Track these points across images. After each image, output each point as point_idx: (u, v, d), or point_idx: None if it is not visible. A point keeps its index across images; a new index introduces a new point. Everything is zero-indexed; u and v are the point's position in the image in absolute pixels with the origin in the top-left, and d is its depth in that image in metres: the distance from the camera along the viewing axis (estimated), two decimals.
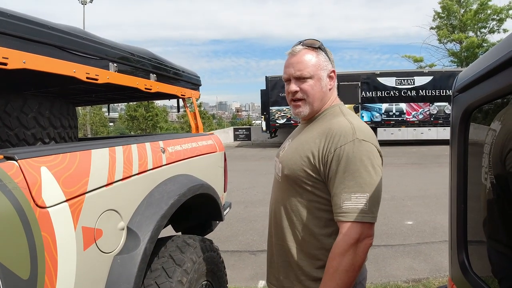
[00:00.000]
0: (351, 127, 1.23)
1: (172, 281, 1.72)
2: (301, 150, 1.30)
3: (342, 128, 1.24)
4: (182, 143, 2.39)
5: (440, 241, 4.59)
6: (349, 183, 1.17)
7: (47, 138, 1.86)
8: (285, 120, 18.30)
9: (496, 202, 1.05)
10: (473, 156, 1.16)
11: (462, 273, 1.17)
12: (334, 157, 1.20)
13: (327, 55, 1.36)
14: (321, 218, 1.27)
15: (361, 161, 1.17)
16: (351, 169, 1.17)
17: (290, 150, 1.37)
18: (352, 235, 1.14)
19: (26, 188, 1.12)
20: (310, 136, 1.32)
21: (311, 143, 1.28)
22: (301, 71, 1.31)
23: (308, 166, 1.26)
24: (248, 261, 4.18)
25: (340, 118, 1.30)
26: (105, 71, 1.92)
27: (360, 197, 1.15)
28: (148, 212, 1.68)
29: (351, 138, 1.20)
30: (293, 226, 1.32)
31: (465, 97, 1.15)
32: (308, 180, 1.27)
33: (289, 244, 1.33)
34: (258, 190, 8.11)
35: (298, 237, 1.31)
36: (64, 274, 1.20)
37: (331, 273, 1.16)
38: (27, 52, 1.44)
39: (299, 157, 1.29)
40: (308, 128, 1.38)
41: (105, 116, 31.86)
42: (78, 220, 1.30)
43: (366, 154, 1.19)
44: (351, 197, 1.16)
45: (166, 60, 2.73)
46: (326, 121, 1.32)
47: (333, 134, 1.23)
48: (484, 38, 24.02)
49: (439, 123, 16.89)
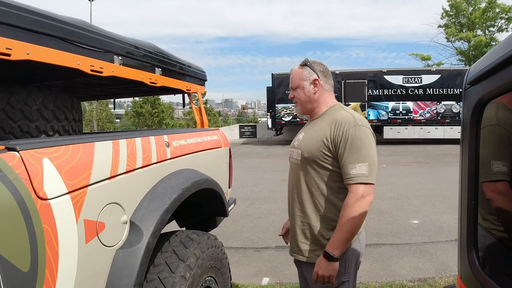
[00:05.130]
0: (352, 116, 1.66)
1: (175, 276, 1.70)
2: (316, 136, 1.71)
3: (346, 117, 1.66)
4: (187, 138, 2.37)
5: (446, 241, 4.53)
6: (354, 156, 1.57)
7: (51, 131, 1.85)
8: (291, 118, 18.23)
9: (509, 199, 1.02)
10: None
11: (472, 272, 1.13)
12: (342, 138, 1.61)
13: (313, 68, 1.79)
14: (335, 187, 1.67)
15: (361, 140, 1.59)
16: (355, 146, 1.58)
17: (306, 139, 1.77)
18: (358, 192, 1.54)
19: (27, 179, 1.11)
20: (321, 127, 1.72)
21: (324, 130, 1.69)
22: (292, 84, 1.85)
23: (324, 147, 1.66)
24: (252, 258, 4.16)
25: (342, 111, 1.73)
26: (110, 64, 1.90)
27: (362, 165, 1.56)
28: (152, 206, 1.66)
29: (353, 124, 1.62)
30: (313, 196, 1.71)
31: (478, 89, 1.11)
32: (324, 158, 1.66)
33: (309, 212, 1.72)
34: (263, 187, 8.09)
35: (317, 205, 1.70)
36: (65, 267, 1.18)
37: (343, 221, 1.56)
38: (31, 44, 1.43)
39: (315, 142, 1.69)
40: (317, 122, 1.79)
41: (111, 112, 32.04)
42: (80, 212, 1.28)
43: (364, 135, 1.61)
44: (355, 166, 1.56)
45: (172, 54, 2.71)
46: (331, 115, 1.74)
47: (340, 122, 1.65)
48: (492, 37, 23.68)
49: (446, 122, 16.71)
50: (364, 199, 1.54)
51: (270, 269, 3.85)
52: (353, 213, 1.54)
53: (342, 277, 1.67)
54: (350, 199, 1.56)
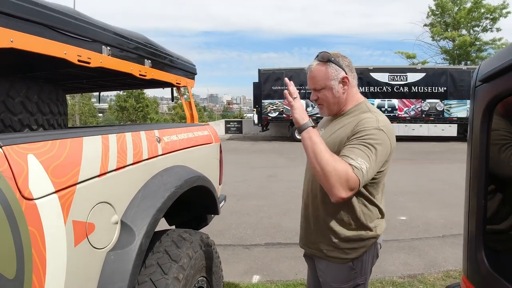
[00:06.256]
0: (376, 119, 1.51)
1: (168, 278, 1.63)
2: (335, 138, 1.57)
3: (369, 119, 1.51)
4: (178, 133, 2.28)
5: (434, 237, 4.58)
6: (358, 150, 1.40)
7: (35, 124, 1.73)
8: (277, 114, 18.21)
9: None
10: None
11: (480, 271, 1.11)
12: (358, 130, 1.47)
13: (338, 64, 1.59)
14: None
15: (375, 140, 1.44)
16: (367, 142, 1.42)
17: (325, 137, 1.60)
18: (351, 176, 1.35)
19: (11, 178, 1.01)
20: (341, 125, 1.59)
21: (343, 130, 1.55)
22: (315, 85, 1.63)
23: (342, 146, 1.49)
24: (242, 255, 4.10)
25: (367, 113, 1.56)
26: (98, 54, 1.80)
27: (363, 163, 1.38)
28: (144, 205, 1.58)
29: (375, 126, 1.48)
30: (328, 199, 1.50)
31: (491, 87, 1.07)
32: None
33: (323, 215, 1.62)
34: (250, 184, 8.04)
35: (331, 208, 1.59)
36: (53, 272, 1.09)
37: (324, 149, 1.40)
38: (15, 31, 1.32)
39: (333, 142, 1.55)
40: (338, 120, 1.65)
41: (94, 107, 31.37)
42: (69, 213, 1.19)
43: (381, 138, 1.45)
44: (358, 158, 1.38)
45: (162, 46, 2.61)
46: (355, 115, 1.59)
47: (361, 122, 1.50)
48: (477, 36, 24.15)
49: (431, 120, 17.00)
50: (346, 182, 1.35)
51: (260, 266, 3.81)
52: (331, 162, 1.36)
53: (358, 280, 1.62)
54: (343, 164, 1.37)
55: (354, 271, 1.61)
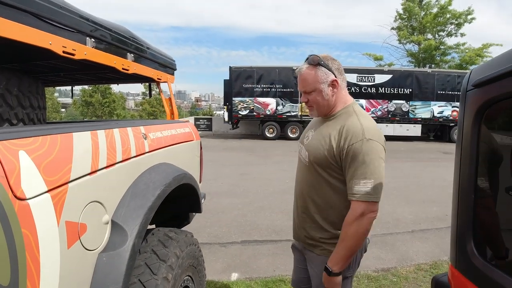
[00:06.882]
0: (361, 128, 1.54)
1: (157, 278, 1.59)
2: (324, 143, 1.63)
3: (354, 128, 1.55)
4: (162, 130, 2.23)
5: (404, 232, 4.77)
6: (359, 172, 1.50)
7: (15, 119, 1.62)
8: (247, 112, 18.17)
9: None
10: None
11: (471, 261, 1.17)
12: (348, 152, 1.53)
13: (328, 67, 1.62)
14: (341, 193, 1.61)
15: (367, 155, 1.50)
16: (360, 161, 1.50)
17: (314, 141, 1.69)
18: (357, 211, 1.50)
19: (3, 176, 0.94)
20: (329, 131, 1.63)
21: (331, 138, 1.60)
22: (305, 88, 1.66)
23: (329, 156, 1.60)
24: (219, 253, 4.07)
25: (353, 118, 1.60)
26: (83, 46, 1.72)
27: (367, 182, 1.49)
28: (134, 204, 1.52)
29: (361, 138, 1.51)
30: (318, 200, 1.68)
31: (484, 92, 1.12)
32: (329, 166, 1.61)
33: (313, 214, 1.71)
34: (222, 181, 7.98)
35: (321, 208, 1.68)
36: (47, 277, 1.03)
37: (342, 237, 1.55)
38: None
39: (322, 148, 1.62)
40: (327, 124, 1.68)
41: (57, 101, 29.95)
42: (62, 213, 1.13)
43: (372, 150, 1.51)
44: (360, 182, 1.50)
45: (144, 40, 2.53)
46: (342, 120, 1.63)
47: (347, 133, 1.55)
48: (441, 41, 25.17)
49: (396, 120, 17.62)
50: (363, 217, 1.49)
51: (238, 264, 3.80)
52: (350, 231, 1.51)
53: (346, 273, 1.68)
54: (349, 216, 1.52)
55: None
